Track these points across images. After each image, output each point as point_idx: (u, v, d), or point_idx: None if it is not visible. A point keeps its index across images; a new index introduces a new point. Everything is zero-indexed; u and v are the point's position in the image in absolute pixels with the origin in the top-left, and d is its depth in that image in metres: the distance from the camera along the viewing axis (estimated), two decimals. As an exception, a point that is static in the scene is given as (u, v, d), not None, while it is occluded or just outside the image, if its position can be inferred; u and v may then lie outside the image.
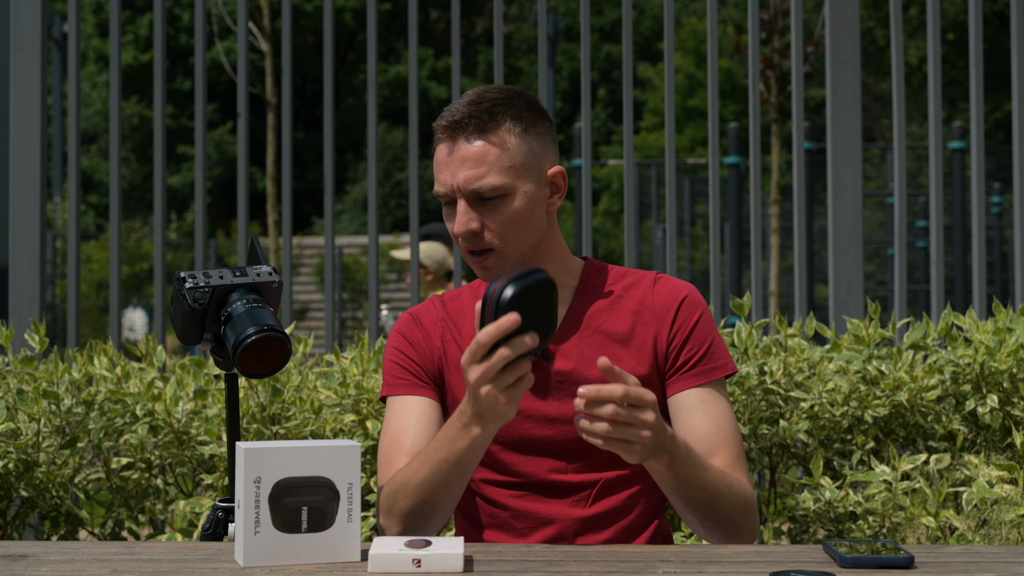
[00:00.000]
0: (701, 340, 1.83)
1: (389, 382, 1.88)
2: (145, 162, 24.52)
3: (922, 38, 20.62)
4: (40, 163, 3.67)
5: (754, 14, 3.68)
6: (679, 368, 1.82)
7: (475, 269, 1.82)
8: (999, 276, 12.33)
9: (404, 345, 1.89)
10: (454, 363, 1.86)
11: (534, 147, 1.81)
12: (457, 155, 1.78)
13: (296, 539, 1.45)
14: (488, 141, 1.78)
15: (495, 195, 1.77)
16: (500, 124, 1.78)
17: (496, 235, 1.78)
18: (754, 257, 3.68)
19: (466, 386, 1.75)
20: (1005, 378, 2.52)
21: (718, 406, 1.80)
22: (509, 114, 1.79)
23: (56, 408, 2.58)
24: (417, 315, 1.91)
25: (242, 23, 3.80)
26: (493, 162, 1.77)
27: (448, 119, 1.79)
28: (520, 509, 1.82)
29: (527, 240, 1.81)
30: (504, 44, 3.74)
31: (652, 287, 1.87)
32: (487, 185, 1.76)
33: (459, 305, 1.91)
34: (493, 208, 1.78)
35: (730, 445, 1.78)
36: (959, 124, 11.13)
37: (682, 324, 1.84)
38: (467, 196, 1.78)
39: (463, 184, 1.77)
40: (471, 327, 1.86)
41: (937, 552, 1.53)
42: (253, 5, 16.80)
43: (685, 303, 1.85)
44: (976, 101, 3.67)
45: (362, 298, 16.99)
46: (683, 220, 13.42)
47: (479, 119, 1.78)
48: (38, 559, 1.48)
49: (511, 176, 1.78)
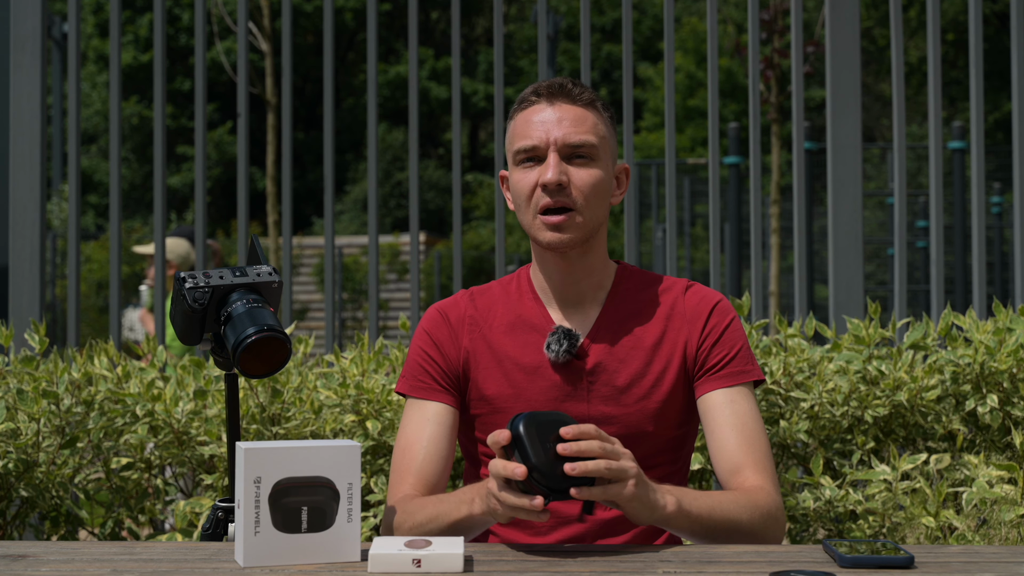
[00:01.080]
0: (731, 344, 1.85)
1: (410, 381, 1.89)
2: (145, 162, 24.51)
3: (922, 38, 20.62)
4: (40, 163, 3.67)
5: (754, 14, 3.68)
6: (709, 369, 1.83)
7: (545, 230, 1.81)
8: (999, 276, 12.33)
9: (429, 345, 1.90)
10: (481, 360, 1.87)
11: (614, 137, 1.88)
12: (557, 112, 1.81)
13: (296, 539, 1.44)
14: (587, 109, 1.83)
15: (588, 155, 1.81)
16: (595, 102, 1.85)
17: (580, 194, 1.80)
18: (754, 257, 3.68)
19: (494, 390, 1.82)
20: (1005, 378, 2.52)
21: (746, 407, 1.81)
22: (599, 100, 1.86)
23: (56, 408, 2.58)
24: (445, 312, 1.92)
25: (242, 23, 3.80)
26: (591, 126, 1.82)
27: (549, 85, 1.84)
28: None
29: (599, 215, 1.84)
30: (504, 44, 3.74)
31: (684, 293, 1.89)
32: (586, 140, 1.80)
33: (488, 300, 1.92)
34: (582, 168, 1.81)
35: (757, 446, 1.78)
36: (959, 124, 11.13)
37: (713, 327, 1.85)
38: (561, 150, 1.80)
39: (562, 136, 1.80)
40: (500, 322, 1.88)
41: (937, 552, 1.53)
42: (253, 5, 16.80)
43: (717, 308, 1.87)
44: (976, 101, 3.67)
45: (362, 298, 16.98)
46: (683, 220, 13.42)
47: (581, 90, 1.84)
48: (38, 559, 1.48)
49: (601, 145, 1.83)
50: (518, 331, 1.87)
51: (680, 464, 1.90)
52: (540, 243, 1.82)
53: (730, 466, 1.77)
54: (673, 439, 1.86)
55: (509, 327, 1.87)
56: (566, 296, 1.87)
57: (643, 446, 1.81)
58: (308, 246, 17.43)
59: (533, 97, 1.84)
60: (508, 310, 1.89)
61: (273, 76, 12.25)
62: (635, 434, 1.81)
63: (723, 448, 1.78)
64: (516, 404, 1.83)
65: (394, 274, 17.08)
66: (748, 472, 1.76)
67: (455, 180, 3.76)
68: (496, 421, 1.85)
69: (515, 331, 1.87)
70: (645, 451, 1.81)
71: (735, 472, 1.76)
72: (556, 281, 1.87)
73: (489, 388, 1.85)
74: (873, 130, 23.92)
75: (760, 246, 3.68)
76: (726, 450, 1.77)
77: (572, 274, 1.86)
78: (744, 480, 1.75)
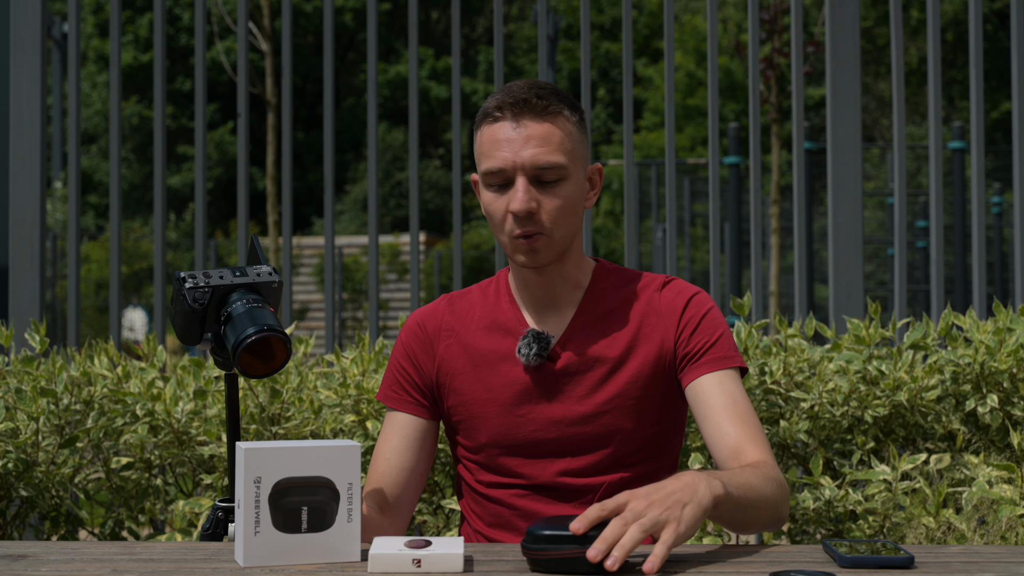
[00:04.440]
0: (711, 331, 1.83)
1: (385, 390, 1.93)
2: (145, 162, 24.51)
3: (922, 38, 20.62)
4: (40, 163, 3.67)
5: (754, 14, 3.68)
6: (692, 357, 1.82)
7: (520, 251, 1.79)
8: (999, 276, 12.33)
9: (404, 356, 1.92)
10: (456, 365, 1.87)
11: (584, 140, 1.84)
12: (523, 133, 1.76)
13: (296, 539, 1.44)
14: (554, 123, 1.78)
15: (556, 177, 1.77)
16: (561, 111, 1.79)
17: (550, 218, 1.78)
18: (754, 257, 3.68)
19: (469, 394, 1.85)
20: (1005, 378, 2.52)
21: (734, 387, 1.79)
22: (566, 103, 1.81)
23: (55, 407, 2.58)
24: (423, 322, 1.93)
25: (242, 23, 3.80)
26: (558, 143, 1.77)
27: (513, 98, 1.78)
28: (525, 508, 1.83)
29: (572, 229, 1.82)
30: (504, 44, 3.74)
31: (660, 290, 1.88)
32: (554, 162, 1.76)
33: (467, 304, 1.92)
34: (550, 190, 1.78)
35: (751, 423, 1.76)
36: (959, 124, 11.13)
37: (690, 319, 1.84)
38: (529, 174, 1.76)
39: (529, 160, 1.76)
40: (476, 327, 1.88)
41: (937, 552, 1.53)
42: (253, 5, 16.80)
43: (693, 301, 1.86)
44: (976, 101, 3.67)
45: (362, 298, 16.98)
46: (683, 220, 13.43)
47: (545, 101, 1.78)
48: (38, 559, 1.48)
49: (571, 160, 1.79)
50: (493, 334, 1.87)
51: (665, 461, 1.88)
52: (515, 263, 1.83)
53: (730, 447, 1.74)
54: (654, 436, 1.85)
55: (486, 330, 1.88)
56: (540, 300, 1.87)
57: (623, 445, 1.81)
58: (308, 246, 17.43)
59: (497, 113, 1.78)
60: (485, 313, 1.90)
61: (273, 76, 12.25)
62: (612, 432, 1.81)
63: (719, 430, 1.76)
64: (491, 408, 1.83)
65: (394, 274, 17.08)
66: (749, 449, 1.73)
67: (455, 180, 3.76)
68: (474, 426, 1.85)
69: (491, 334, 1.87)
70: (624, 449, 1.81)
71: (736, 452, 1.74)
72: (531, 288, 1.87)
73: (464, 392, 1.86)
74: (873, 130, 23.92)
75: (760, 246, 3.68)
76: (723, 431, 1.75)
77: (547, 282, 1.86)
78: (747, 457, 1.73)
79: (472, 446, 1.87)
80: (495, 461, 1.84)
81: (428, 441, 1.90)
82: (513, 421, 1.83)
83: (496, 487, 1.85)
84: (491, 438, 1.84)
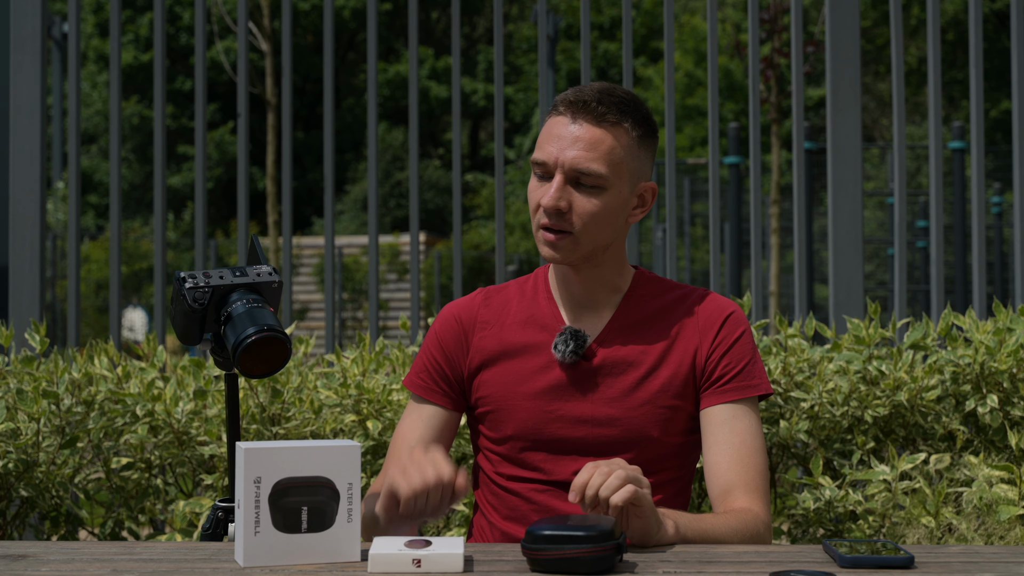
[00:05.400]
0: (740, 356, 1.85)
1: (414, 378, 1.94)
2: (145, 162, 24.51)
3: (922, 38, 20.62)
4: (40, 163, 3.67)
5: (754, 14, 3.68)
6: (715, 382, 1.84)
7: (543, 244, 1.82)
8: (999, 276, 12.33)
9: (436, 347, 1.93)
10: (490, 358, 1.89)
11: (641, 156, 1.83)
12: (574, 132, 1.78)
13: (296, 539, 1.45)
14: (608, 131, 1.79)
15: (593, 184, 1.78)
16: (623, 121, 1.80)
17: (579, 221, 1.79)
18: (754, 257, 3.68)
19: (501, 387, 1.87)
20: (1005, 378, 2.52)
21: (745, 423, 1.82)
22: (632, 116, 1.81)
23: (56, 408, 2.58)
24: (459, 314, 1.94)
25: (242, 23, 3.80)
26: (606, 152, 1.78)
27: (577, 97, 1.80)
28: (543, 503, 1.84)
29: (602, 238, 1.82)
30: (504, 44, 3.74)
31: (699, 302, 1.89)
32: (593, 170, 1.77)
33: (503, 298, 1.94)
34: (586, 195, 1.79)
35: (750, 465, 1.79)
36: (959, 124, 11.14)
37: (724, 338, 1.85)
38: (567, 174, 1.78)
39: (570, 161, 1.77)
40: (512, 321, 1.90)
41: (937, 552, 1.53)
42: (253, 5, 16.80)
43: (730, 319, 1.87)
44: (976, 101, 3.67)
45: (362, 298, 16.98)
46: (683, 220, 13.43)
47: (607, 107, 1.79)
48: (38, 559, 1.48)
49: (614, 172, 1.79)
50: (529, 329, 1.89)
51: (686, 471, 1.90)
52: (541, 252, 1.85)
53: (721, 486, 1.78)
54: (680, 446, 1.87)
55: (521, 325, 1.89)
56: (579, 299, 1.89)
57: (647, 451, 1.82)
58: (308, 246, 17.43)
59: (561, 107, 1.81)
60: (522, 308, 1.91)
61: (273, 76, 12.25)
62: (637, 438, 1.82)
63: (716, 467, 1.79)
64: (520, 401, 1.85)
65: (394, 274, 17.08)
66: (738, 493, 1.77)
67: (455, 180, 3.76)
68: (502, 418, 1.87)
69: (526, 329, 1.89)
70: (649, 455, 1.82)
71: (726, 493, 1.78)
72: (570, 286, 1.89)
73: (495, 384, 1.87)
74: (873, 130, 23.92)
75: (760, 246, 3.68)
76: (719, 469, 1.79)
77: (584, 282, 1.88)
78: (734, 501, 1.77)
79: (497, 437, 1.88)
80: (518, 454, 1.86)
81: (450, 432, 1.92)
82: (541, 416, 1.84)
83: (516, 480, 1.86)
84: (517, 431, 1.85)
